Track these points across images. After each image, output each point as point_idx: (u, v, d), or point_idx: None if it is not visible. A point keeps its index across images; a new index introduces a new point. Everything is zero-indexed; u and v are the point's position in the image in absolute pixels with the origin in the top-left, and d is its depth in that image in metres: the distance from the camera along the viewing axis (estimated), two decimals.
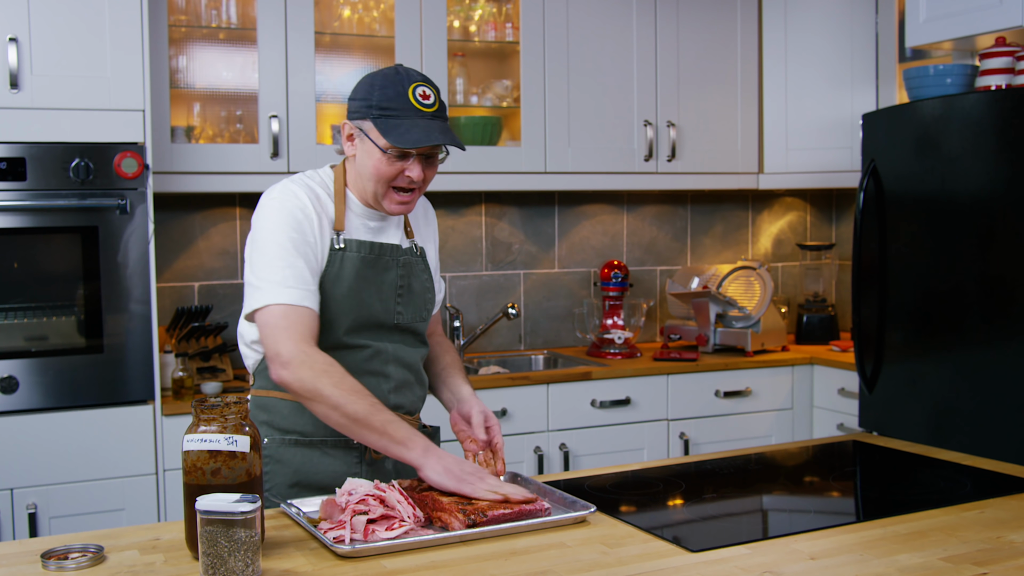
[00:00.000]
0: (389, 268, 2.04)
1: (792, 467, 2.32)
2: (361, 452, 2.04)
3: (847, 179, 4.00)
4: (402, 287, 2.06)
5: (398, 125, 1.91)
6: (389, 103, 1.92)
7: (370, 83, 1.96)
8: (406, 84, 1.93)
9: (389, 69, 1.97)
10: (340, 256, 1.98)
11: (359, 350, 2.01)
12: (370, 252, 2.02)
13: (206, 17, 3.41)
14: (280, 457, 2.02)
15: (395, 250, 2.06)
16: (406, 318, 2.08)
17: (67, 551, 1.61)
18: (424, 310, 2.12)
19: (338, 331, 1.99)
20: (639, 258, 4.35)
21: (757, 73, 4.13)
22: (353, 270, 1.99)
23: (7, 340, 2.88)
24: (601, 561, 1.59)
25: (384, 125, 1.92)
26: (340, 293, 1.97)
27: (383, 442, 1.85)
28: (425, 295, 2.12)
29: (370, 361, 2.02)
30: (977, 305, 2.99)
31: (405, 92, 1.92)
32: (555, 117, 3.78)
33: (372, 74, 1.99)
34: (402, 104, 1.92)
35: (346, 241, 2.00)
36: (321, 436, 2.02)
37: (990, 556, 1.60)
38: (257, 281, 1.92)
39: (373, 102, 1.93)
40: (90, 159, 2.91)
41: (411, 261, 2.09)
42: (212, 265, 3.66)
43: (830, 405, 3.85)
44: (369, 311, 2.01)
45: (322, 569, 1.56)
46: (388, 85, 1.93)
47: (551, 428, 3.53)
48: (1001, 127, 2.92)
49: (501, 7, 3.84)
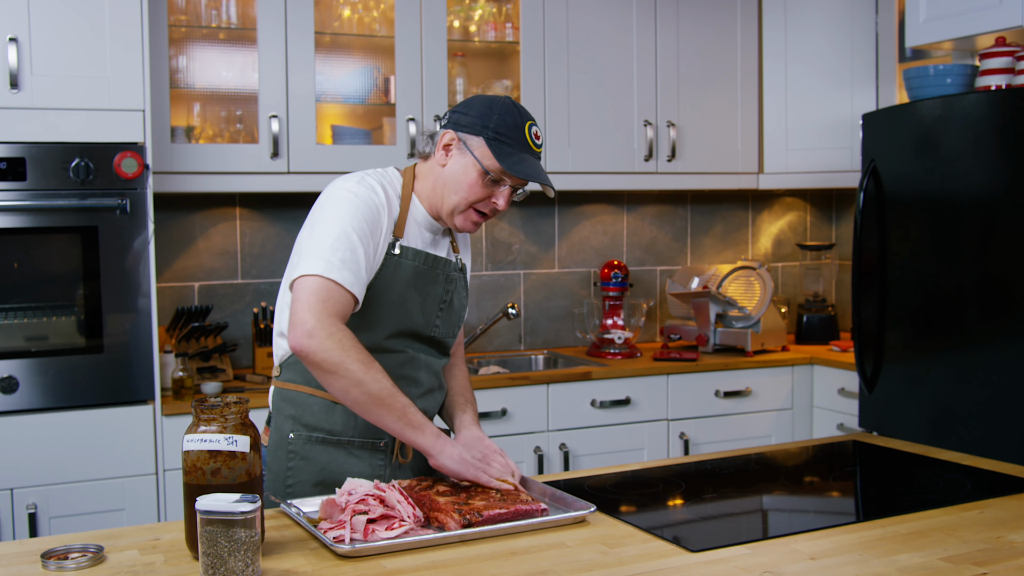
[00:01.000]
0: (437, 281, 2.06)
1: (792, 467, 2.32)
2: (387, 455, 2.04)
3: (847, 179, 4.00)
4: (444, 302, 2.08)
5: (511, 154, 1.96)
6: (507, 131, 1.96)
7: (488, 105, 1.99)
8: (524, 119, 1.99)
9: (506, 99, 2.01)
10: (395, 261, 1.99)
11: (396, 354, 2.03)
12: (424, 263, 2.02)
13: (206, 17, 3.41)
14: (306, 454, 2.01)
15: (446, 264, 2.08)
16: (442, 332, 2.10)
17: (67, 551, 1.61)
18: (456, 326, 2.15)
19: (379, 334, 2.00)
20: (639, 258, 4.35)
21: (757, 73, 4.13)
22: (405, 278, 2.00)
23: (7, 340, 2.88)
24: (601, 561, 1.59)
25: (499, 149, 1.95)
26: (389, 298, 1.98)
27: (400, 425, 1.85)
28: (461, 312, 2.15)
29: (404, 366, 2.04)
30: (977, 305, 2.99)
31: (522, 127, 1.98)
32: (555, 117, 3.77)
33: (488, 97, 2.02)
34: (518, 137, 1.97)
35: (403, 248, 2.00)
36: (349, 436, 2.01)
37: (990, 556, 1.61)
38: (314, 250, 1.87)
39: (491, 124, 1.96)
40: (90, 159, 2.91)
41: (455, 277, 2.11)
42: (212, 265, 3.66)
43: (830, 405, 3.85)
44: (411, 320, 2.03)
45: (322, 569, 1.56)
46: (507, 114, 1.98)
47: (551, 428, 3.52)
48: (1001, 127, 2.92)
49: (501, 7, 3.84)
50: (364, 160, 3.44)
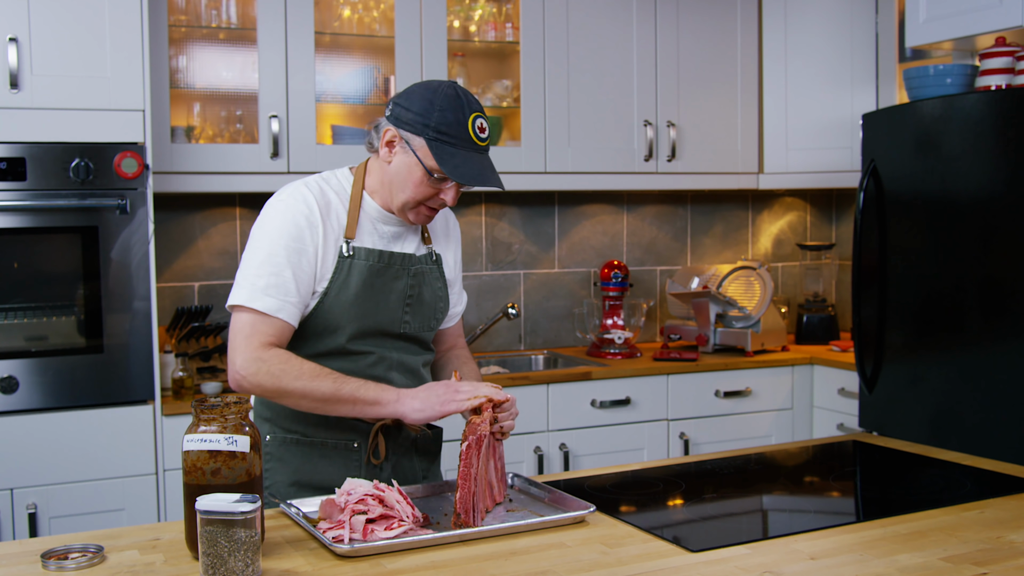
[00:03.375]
0: (399, 277, 2.03)
1: (792, 467, 2.32)
2: (360, 456, 2.04)
3: (847, 179, 4.00)
4: (411, 296, 2.05)
5: (454, 155, 1.89)
6: (448, 129, 1.88)
7: (429, 100, 1.90)
8: (467, 112, 1.89)
9: (448, 89, 1.91)
10: (348, 264, 1.97)
11: (362, 356, 2.01)
12: (378, 261, 2.00)
13: (206, 17, 3.41)
14: (281, 456, 2.03)
15: (406, 259, 2.04)
16: (413, 327, 2.07)
17: (67, 551, 1.62)
18: (433, 319, 2.11)
19: (341, 338, 1.99)
20: (639, 258, 4.35)
21: (757, 73, 4.13)
22: (360, 278, 1.98)
23: (7, 340, 2.88)
24: (601, 561, 1.59)
25: (440, 151, 1.89)
26: (345, 301, 1.97)
27: (358, 409, 1.88)
28: (436, 304, 2.10)
29: (373, 367, 2.02)
30: (977, 305, 2.99)
31: (465, 122, 1.89)
32: (555, 117, 3.77)
33: (431, 90, 1.92)
34: (460, 134, 1.89)
35: (355, 249, 1.98)
36: (322, 438, 2.02)
37: (990, 556, 1.60)
38: (241, 279, 1.93)
39: (431, 123, 1.89)
40: (90, 159, 2.91)
41: (424, 270, 2.07)
42: (212, 265, 3.66)
43: (830, 405, 3.85)
44: (374, 320, 2.01)
45: (321, 569, 1.56)
46: (449, 109, 1.89)
47: (551, 428, 3.52)
48: (1001, 127, 2.92)
49: (501, 7, 3.84)
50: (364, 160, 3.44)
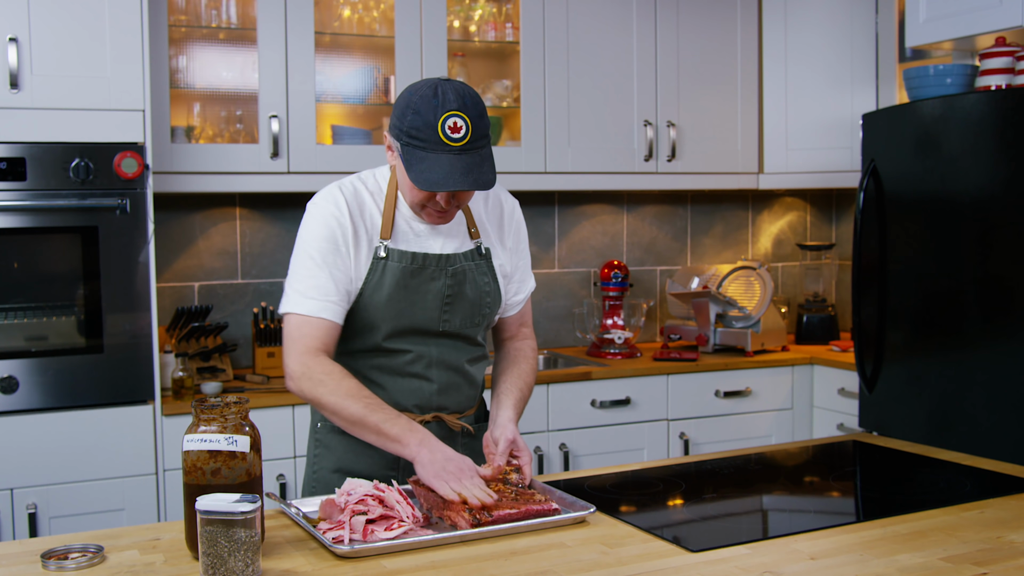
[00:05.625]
0: (435, 278, 2.01)
1: (792, 467, 2.32)
2: None
3: (847, 179, 4.00)
4: (450, 296, 2.02)
5: (423, 159, 1.84)
6: (418, 133, 1.84)
7: (406, 102, 1.88)
8: (438, 113, 1.83)
9: (428, 88, 1.86)
10: (382, 265, 1.98)
11: (400, 354, 2.03)
12: (412, 262, 1.99)
13: (206, 17, 3.41)
14: (329, 443, 2.09)
15: (443, 260, 2.01)
16: (454, 325, 2.05)
17: (67, 551, 1.62)
18: (479, 315, 2.07)
19: (377, 336, 2.01)
20: (639, 258, 4.35)
21: (757, 73, 4.13)
22: (393, 280, 1.98)
23: (7, 340, 2.87)
24: (601, 561, 1.59)
25: (409, 156, 1.86)
26: (379, 301, 1.98)
27: (380, 440, 1.90)
28: (481, 300, 2.06)
29: (412, 364, 2.03)
30: (977, 305, 2.99)
31: (435, 123, 1.83)
32: (555, 117, 3.77)
33: (412, 91, 1.89)
34: (430, 136, 1.83)
35: (388, 250, 1.98)
36: None
37: (990, 556, 1.60)
38: (286, 286, 2.00)
39: (404, 127, 1.87)
40: (90, 159, 2.91)
41: (465, 268, 2.04)
42: (212, 265, 3.66)
43: (830, 405, 3.85)
44: (410, 319, 2.01)
45: (321, 569, 1.56)
46: (420, 111, 1.84)
47: (551, 428, 3.52)
48: (1001, 127, 2.92)
49: (501, 7, 3.84)
50: (364, 160, 3.44)
